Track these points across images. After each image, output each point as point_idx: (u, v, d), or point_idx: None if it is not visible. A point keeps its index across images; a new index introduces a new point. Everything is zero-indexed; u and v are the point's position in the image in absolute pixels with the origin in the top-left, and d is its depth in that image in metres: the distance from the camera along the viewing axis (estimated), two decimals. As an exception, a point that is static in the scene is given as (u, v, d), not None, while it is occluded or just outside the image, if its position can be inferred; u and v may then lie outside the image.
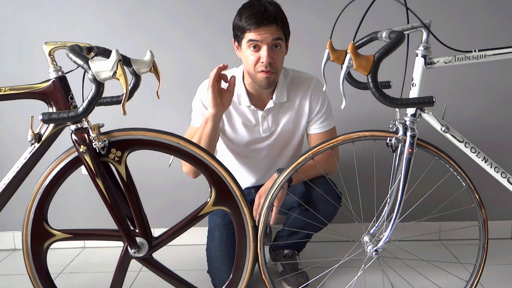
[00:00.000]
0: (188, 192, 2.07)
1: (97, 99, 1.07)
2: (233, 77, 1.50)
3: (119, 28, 2.01)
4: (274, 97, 1.59)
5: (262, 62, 1.46)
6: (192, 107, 1.67)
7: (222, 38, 1.97)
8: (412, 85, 1.28)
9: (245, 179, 1.76)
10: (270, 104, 1.60)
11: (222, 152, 1.76)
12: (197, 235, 1.85)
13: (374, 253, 1.34)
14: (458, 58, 1.27)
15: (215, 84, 1.46)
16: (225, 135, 1.67)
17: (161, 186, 2.10)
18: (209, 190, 1.31)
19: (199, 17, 2.00)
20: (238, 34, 1.50)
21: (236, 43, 1.55)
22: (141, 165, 1.72)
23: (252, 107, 1.60)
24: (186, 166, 1.60)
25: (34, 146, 1.23)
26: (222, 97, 1.49)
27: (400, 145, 1.29)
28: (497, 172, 1.34)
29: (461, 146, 1.32)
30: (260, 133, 1.64)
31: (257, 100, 1.61)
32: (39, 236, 1.28)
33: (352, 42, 1.11)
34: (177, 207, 1.81)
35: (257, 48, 1.46)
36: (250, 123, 1.63)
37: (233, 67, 1.69)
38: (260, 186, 1.77)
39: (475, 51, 1.27)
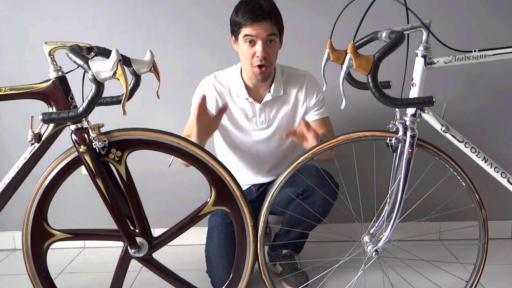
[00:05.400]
0: (188, 192, 2.07)
1: (97, 99, 1.07)
2: (226, 106, 1.57)
3: (119, 28, 2.01)
4: (271, 90, 1.65)
5: (258, 57, 1.53)
6: (192, 102, 1.70)
7: (222, 38, 1.97)
8: (412, 85, 1.28)
9: (245, 175, 1.78)
10: (267, 97, 1.66)
11: (221, 148, 1.77)
12: (197, 235, 1.85)
13: (374, 253, 1.34)
14: (458, 58, 1.28)
15: (201, 112, 1.43)
16: (223, 127, 1.69)
17: (161, 186, 2.10)
18: (209, 190, 1.31)
19: (199, 17, 2.00)
20: (235, 29, 1.56)
21: (233, 38, 1.61)
22: (141, 165, 1.72)
23: (250, 99, 1.65)
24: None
25: (34, 146, 1.23)
26: (208, 126, 1.49)
27: (400, 145, 1.29)
28: (497, 172, 1.34)
29: (461, 146, 1.32)
30: (257, 125, 1.68)
31: (254, 94, 1.67)
32: (39, 236, 1.28)
33: (352, 42, 1.11)
34: (177, 207, 1.81)
35: (252, 43, 1.53)
36: (247, 115, 1.68)
37: (231, 65, 1.71)
38: (261, 184, 1.79)
39: (475, 51, 1.28)
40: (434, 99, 1.13)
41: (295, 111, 1.70)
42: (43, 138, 1.23)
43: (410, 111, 1.28)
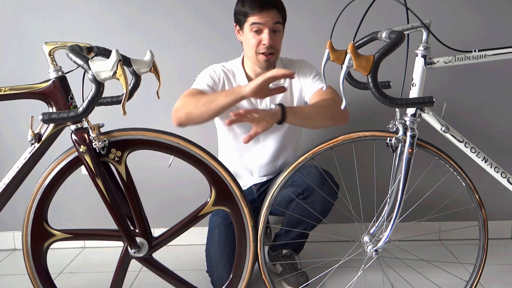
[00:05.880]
0: (188, 192, 2.07)
1: (97, 99, 1.07)
2: (283, 88, 1.47)
3: (119, 28, 2.01)
4: None
5: (264, 44, 1.56)
6: (198, 77, 1.68)
7: (222, 38, 1.98)
8: (412, 85, 1.28)
9: (247, 168, 1.77)
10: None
11: (224, 141, 1.78)
12: (197, 235, 1.85)
13: (374, 253, 1.34)
14: (458, 58, 1.28)
15: (268, 82, 1.40)
16: (225, 116, 1.68)
17: (161, 186, 2.10)
18: (209, 190, 1.31)
19: (198, 17, 2.00)
20: (240, 18, 1.59)
21: (237, 28, 1.63)
22: (141, 165, 1.72)
23: None
24: None
25: (34, 146, 1.23)
26: (259, 94, 1.45)
27: (400, 145, 1.29)
28: (497, 172, 1.34)
29: (461, 146, 1.32)
30: None
31: None
32: (39, 236, 1.28)
33: (352, 42, 1.11)
34: (177, 207, 1.81)
35: (259, 31, 1.56)
36: (250, 102, 1.68)
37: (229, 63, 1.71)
38: (261, 183, 1.78)
39: (475, 51, 1.28)
40: (434, 99, 1.13)
41: (291, 93, 1.71)
42: (43, 138, 1.23)
43: (410, 111, 1.28)
